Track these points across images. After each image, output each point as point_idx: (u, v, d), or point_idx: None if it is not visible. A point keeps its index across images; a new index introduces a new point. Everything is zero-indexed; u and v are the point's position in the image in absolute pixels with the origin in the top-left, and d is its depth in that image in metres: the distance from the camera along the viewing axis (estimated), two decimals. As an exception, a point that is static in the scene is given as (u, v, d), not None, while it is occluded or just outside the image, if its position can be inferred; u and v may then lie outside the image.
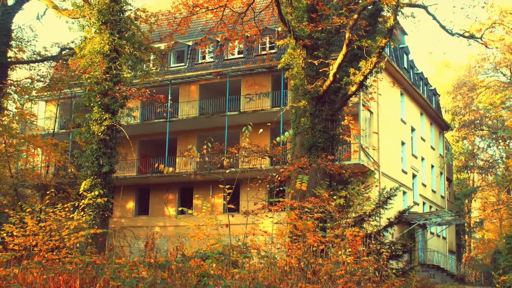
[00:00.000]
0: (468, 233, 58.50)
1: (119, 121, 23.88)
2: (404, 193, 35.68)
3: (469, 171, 57.68)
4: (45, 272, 10.07)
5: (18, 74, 40.71)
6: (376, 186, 27.10)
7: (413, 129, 39.39)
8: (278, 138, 19.05)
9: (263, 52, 33.06)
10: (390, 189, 18.82)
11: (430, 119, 44.03)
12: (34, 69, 29.77)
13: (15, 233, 12.01)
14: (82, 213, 13.38)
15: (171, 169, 12.55)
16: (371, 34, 20.26)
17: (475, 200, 59.60)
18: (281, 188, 18.83)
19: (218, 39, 29.73)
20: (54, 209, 12.65)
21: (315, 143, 19.96)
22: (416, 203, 37.46)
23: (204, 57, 35.45)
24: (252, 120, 29.20)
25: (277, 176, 17.46)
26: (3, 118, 28.42)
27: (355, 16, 18.45)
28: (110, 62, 22.79)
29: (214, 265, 10.37)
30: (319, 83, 19.53)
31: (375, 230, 16.60)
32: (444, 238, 44.11)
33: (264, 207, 14.17)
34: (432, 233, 40.35)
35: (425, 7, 19.21)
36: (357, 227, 14.35)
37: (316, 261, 10.77)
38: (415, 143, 39.68)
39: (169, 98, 32.90)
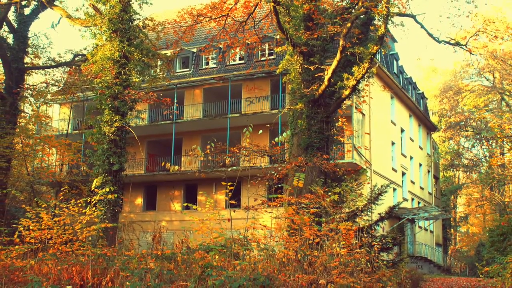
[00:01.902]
0: (454, 227, 58.46)
1: (128, 123, 23.84)
2: (394, 189, 35.66)
3: (454, 169, 57.65)
4: (59, 264, 10.07)
5: (34, 78, 40.67)
6: (368, 183, 27.11)
7: (402, 130, 39.37)
8: (276, 139, 19.07)
9: (263, 58, 33.05)
10: (381, 186, 18.77)
11: (418, 120, 44.01)
12: (49, 74, 29.79)
13: (31, 227, 12.01)
14: (93, 208, 13.38)
15: (176, 167, 12.54)
16: (363, 42, 20.25)
17: (460, 196, 59.56)
18: (279, 185, 18.79)
19: (221, 46, 29.72)
20: (68, 205, 12.65)
21: (311, 143, 19.95)
22: (405, 199, 37.45)
23: (207, 63, 35.44)
24: (252, 121, 29.31)
25: (275, 174, 17.47)
26: (20, 120, 28.44)
27: (348, 24, 18.45)
28: (120, 68, 22.75)
29: (217, 257, 10.37)
30: (315, 87, 19.52)
31: (367, 224, 16.55)
32: (431, 231, 44.09)
33: (263, 203, 14.15)
34: (420, 227, 40.33)
35: (413, 16, 19.20)
36: (350, 221, 14.33)
37: (312, 253, 10.76)
38: (404, 143, 39.66)
39: (175, 101, 32.89)
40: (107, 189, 21.52)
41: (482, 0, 34.44)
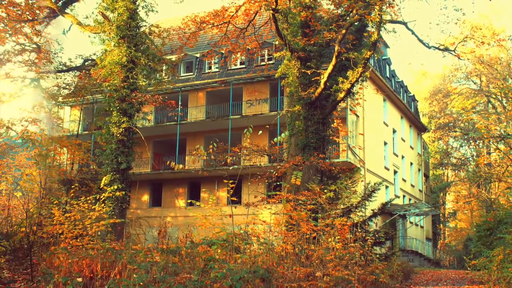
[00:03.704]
0: (443, 222, 58.44)
1: (135, 124, 23.85)
2: (387, 187, 35.65)
3: (443, 168, 57.65)
4: (70, 257, 10.05)
5: (46, 82, 40.60)
6: (362, 181, 27.11)
7: (394, 131, 39.36)
8: (275, 139, 19.06)
9: (262, 63, 33.04)
10: (374, 184, 18.78)
11: (409, 122, 43.99)
12: (61, 78, 29.76)
13: (43, 223, 12.01)
14: (102, 205, 13.35)
15: (181, 166, 12.52)
16: (357, 47, 20.26)
17: (449, 194, 59.59)
18: (278, 183, 18.80)
19: (223, 51, 29.70)
20: (78, 202, 12.64)
21: (308, 143, 19.96)
22: (397, 196, 37.45)
23: (210, 68, 35.43)
24: (253, 123, 29.31)
25: (274, 172, 17.47)
26: (33, 121, 28.41)
27: (343, 31, 18.46)
28: (128, 72, 22.76)
29: (219, 250, 10.36)
30: (312, 90, 19.53)
31: (361, 220, 16.56)
32: (421, 227, 44.08)
33: (263, 199, 14.15)
34: (411, 223, 40.32)
35: (405, 23, 19.22)
36: (345, 217, 14.35)
37: (309, 247, 10.77)
38: (396, 143, 39.65)
39: (179, 103, 32.88)
40: (115, 187, 21.48)
41: (469, 8, 34.48)
